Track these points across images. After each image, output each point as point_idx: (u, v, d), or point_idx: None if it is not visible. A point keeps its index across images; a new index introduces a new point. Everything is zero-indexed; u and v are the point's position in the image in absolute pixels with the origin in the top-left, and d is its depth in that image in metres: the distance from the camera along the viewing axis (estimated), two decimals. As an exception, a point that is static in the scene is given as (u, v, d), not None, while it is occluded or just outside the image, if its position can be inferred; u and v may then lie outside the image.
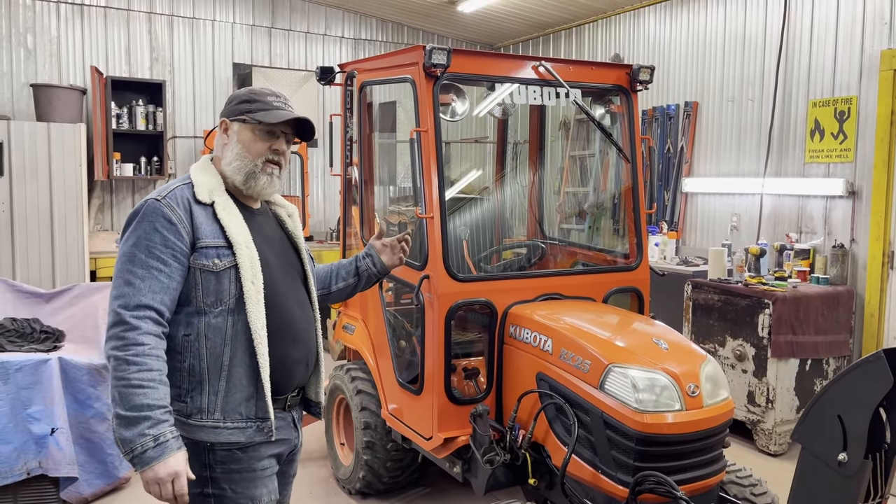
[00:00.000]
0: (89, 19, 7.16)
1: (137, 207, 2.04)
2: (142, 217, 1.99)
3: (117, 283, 1.95)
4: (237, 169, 2.13)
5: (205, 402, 2.02)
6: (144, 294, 1.92)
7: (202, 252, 2.02)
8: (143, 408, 1.85)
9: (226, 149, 2.16)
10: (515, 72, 3.61)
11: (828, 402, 2.03)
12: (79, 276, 6.25)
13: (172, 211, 2.00)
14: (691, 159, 6.62)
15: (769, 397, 4.94)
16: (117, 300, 1.93)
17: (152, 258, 1.95)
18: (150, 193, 2.07)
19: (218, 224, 2.06)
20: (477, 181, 6.43)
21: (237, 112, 2.15)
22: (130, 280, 1.93)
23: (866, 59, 5.18)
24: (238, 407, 2.05)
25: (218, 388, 2.03)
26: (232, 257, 2.04)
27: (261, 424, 2.09)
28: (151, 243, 1.96)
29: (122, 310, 1.90)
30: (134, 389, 1.85)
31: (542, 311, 3.37)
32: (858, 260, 5.28)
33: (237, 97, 2.18)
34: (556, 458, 3.12)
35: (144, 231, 1.98)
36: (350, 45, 8.54)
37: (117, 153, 7.03)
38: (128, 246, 1.98)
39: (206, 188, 2.09)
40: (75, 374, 3.96)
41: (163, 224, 1.98)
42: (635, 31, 7.24)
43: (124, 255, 1.97)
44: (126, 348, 1.88)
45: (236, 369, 2.05)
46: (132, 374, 1.86)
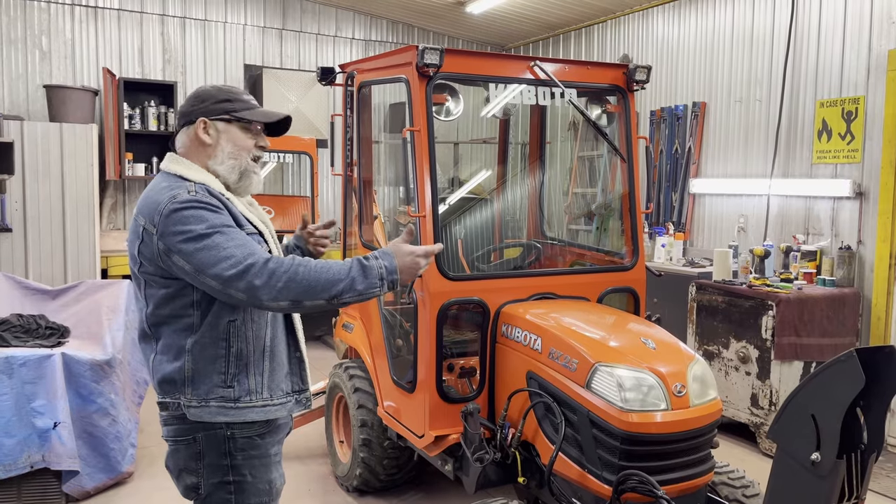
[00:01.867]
0: (103, 21, 7.28)
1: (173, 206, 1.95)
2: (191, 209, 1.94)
3: (225, 254, 1.89)
4: (231, 168, 2.15)
5: (252, 383, 2.08)
6: (256, 248, 1.95)
7: (253, 237, 2.07)
8: (345, 266, 1.94)
9: (212, 149, 2.14)
10: (510, 72, 3.62)
11: (801, 401, 2.02)
12: (90, 274, 6.36)
13: (210, 199, 2.00)
14: (699, 160, 6.58)
15: (772, 400, 4.90)
16: (246, 258, 1.89)
17: (236, 230, 1.97)
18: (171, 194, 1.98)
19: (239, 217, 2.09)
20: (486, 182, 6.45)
21: (220, 111, 2.14)
22: (238, 243, 1.92)
23: (874, 59, 5.12)
24: (280, 384, 2.15)
25: (263, 368, 2.10)
26: (265, 243, 2.13)
27: (298, 396, 2.22)
28: (224, 220, 1.97)
29: (253, 258, 1.89)
30: (325, 267, 1.93)
31: (533, 311, 3.38)
32: (865, 262, 5.22)
33: (211, 96, 2.16)
34: (544, 456, 3.12)
35: (206, 217, 1.94)
36: (360, 47, 8.59)
37: (129, 153, 7.13)
38: (202, 231, 1.92)
39: (217, 185, 2.10)
40: (78, 369, 4.03)
41: (215, 209, 1.98)
42: (644, 32, 7.21)
43: (208, 236, 1.91)
44: (283, 265, 1.90)
45: (278, 347, 2.15)
46: (313, 265, 1.93)
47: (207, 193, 2.03)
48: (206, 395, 2.04)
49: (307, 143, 7.71)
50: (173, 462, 2.14)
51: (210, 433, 2.06)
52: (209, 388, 2.04)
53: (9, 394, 3.83)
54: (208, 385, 2.04)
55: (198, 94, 2.18)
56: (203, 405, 2.05)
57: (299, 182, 8.17)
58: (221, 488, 2.09)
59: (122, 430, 4.26)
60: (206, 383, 2.04)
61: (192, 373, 2.05)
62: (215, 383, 2.04)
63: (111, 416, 4.19)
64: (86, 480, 4.07)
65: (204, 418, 2.05)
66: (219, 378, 2.04)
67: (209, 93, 2.17)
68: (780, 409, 2.08)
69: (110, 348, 4.25)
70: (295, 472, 4.52)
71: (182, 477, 2.13)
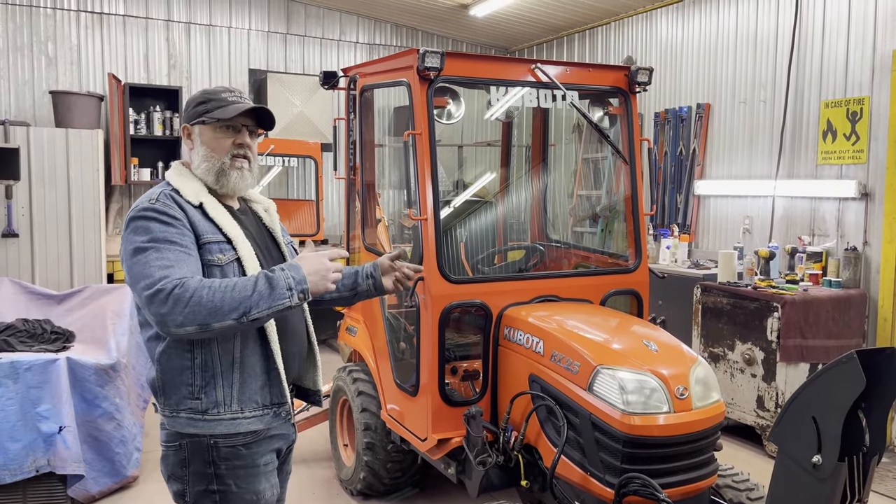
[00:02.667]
0: (108, 28, 7.32)
1: (133, 213, 2.00)
2: (142, 220, 1.96)
3: (150, 270, 1.87)
4: (207, 170, 2.14)
5: (220, 395, 2.02)
6: (185, 271, 1.90)
7: (206, 248, 2.03)
8: (249, 281, 1.90)
9: (193, 154, 2.18)
10: (511, 75, 3.62)
11: (802, 403, 2.01)
12: (96, 279, 6.39)
13: (170, 209, 2.00)
14: (703, 161, 6.56)
15: (778, 402, 4.87)
16: (160, 281, 1.85)
17: (176, 246, 1.94)
18: (138, 202, 2.04)
19: (211, 222, 2.07)
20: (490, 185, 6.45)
21: (195, 115, 2.15)
22: (166, 264, 1.89)
23: (878, 59, 5.10)
24: (254, 396, 2.08)
25: (232, 380, 2.04)
26: (233, 251, 2.07)
27: (277, 409, 2.13)
28: (169, 234, 1.95)
29: (165, 282, 1.85)
30: (232, 285, 1.88)
31: (535, 314, 3.37)
32: (871, 263, 5.19)
33: (192, 101, 2.18)
34: (547, 459, 3.11)
35: (156, 227, 1.95)
36: (365, 50, 8.61)
37: (135, 158, 7.17)
38: (143, 242, 1.93)
39: (192, 190, 2.10)
40: (83, 373, 4.05)
41: (167, 219, 1.97)
42: (647, 34, 7.20)
43: (146, 251, 1.91)
44: (186, 287, 1.84)
45: (249, 359, 2.07)
46: (217, 285, 1.87)
47: (171, 201, 2.03)
48: (177, 406, 2.02)
49: (312, 147, 7.73)
50: (164, 467, 2.13)
51: (195, 440, 2.03)
52: (179, 399, 2.02)
53: (14, 398, 3.85)
54: (178, 396, 2.02)
55: (187, 102, 2.22)
56: (174, 415, 2.03)
57: (304, 186, 8.19)
58: (206, 497, 2.06)
59: (126, 435, 4.28)
60: (175, 393, 2.03)
61: (163, 382, 2.04)
62: (184, 394, 2.01)
63: (116, 421, 4.21)
64: (91, 485, 4.08)
65: (176, 428, 2.04)
66: (186, 389, 2.01)
67: (192, 98, 2.19)
68: (780, 411, 2.07)
69: (115, 353, 4.26)
70: (299, 476, 4.52)
71: (170, 482, 2.12)
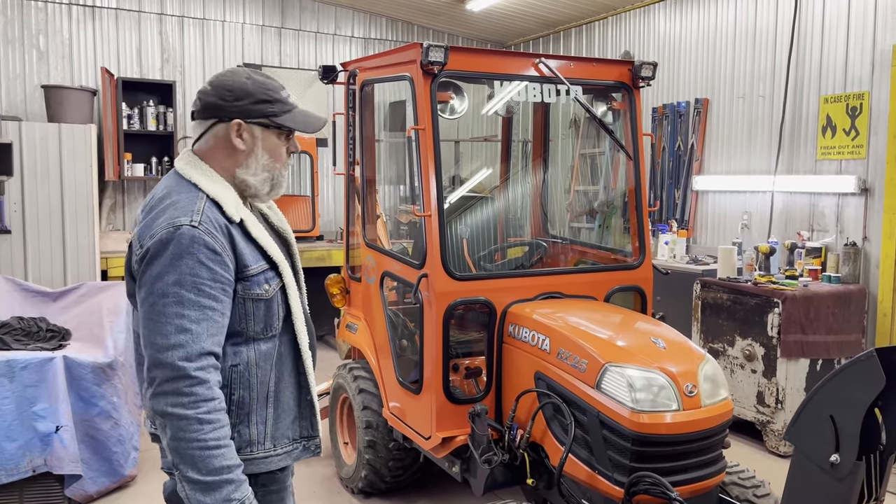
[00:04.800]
0: (100, 21, 7.22)
1: (166, 234, 1.72)
2: (180, 248, 1.71)
3: (166, 329, 1.68)
4: (265, 180, 1.93)
5: (254, 433, 1.87)
6: (204, 340, 1.70)
7: (253, 281, 1.83)
8: (224, 470, 1.68)
9: (243, 156, 1.90)
10: (515, 69, 3.58)
11: (819, 402, 1.99)
12: (90, 276, 6.31)
13: (214, 239, 1.75)
14: (702, 157, 6.54)
15: (779, 398, 4.87)
16: (175, 350, 1.67)
17: (203, 296, 1.71)
18: (173, 214, 1.76)
19: (253, 244, 1.86)
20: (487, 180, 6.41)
21: (258, 113, 1.87)
22: (185, 326, 1.68)
23: (878, 54, 5.09)
24: (286, 432, 1.94)
25: (266, 416, 1.89)
26: (278, 279, 1.89)
27: (307, 443, 2.00)
28: (199, 279, 1.71)
29: (184, 362, 1.67)
30: (211, 451, 1.67)
31: (541, 310, 3.35)
32: (871, 258, 5.19)
33: (249, 94, 1.86)
34: (553, 458, 3.09)
35: (188, 266, 1.71)
36: (360, 45, 8.55)
37: (128, 153, 7.09)
38: (168, 284, 1.70)
39: (233, 204, 1.85)
40: (80, 372, 3.99)
41: (207, 256, 1.73)
42: (645, 28, 7.17)
43: (168, 296, 1.69)
44: (195, 405, 1.66)
45: (284, 393, 1.92)
46: (207, 435, 1.67)
47: (214, 226, 1.78)
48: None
49: (307, 143, 7.67)
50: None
51: None
52: None
53: (10, 397, 3.79)
54: None
55: (232, 87, 1.86)
56: None
57: (300, 181, 8.13)
58: None
59: (124, 434, 4.22)
60: None
61: None
62: None
63: (113, 420, 4.15)
64: (88, 484, 4.03)
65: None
66: None
67: (246, 88, 1.87)
68: (796, 411, 2.05)
69: (112, 350, 4.21)
70: (300, 475, 4.48)
71: None
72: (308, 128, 1.93)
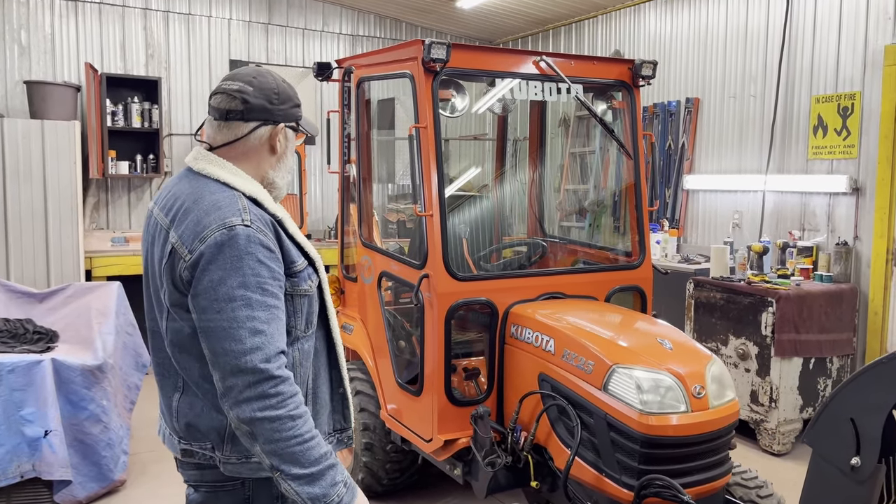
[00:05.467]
0: (84, 15, 7.08)
1: (222, 237, 1.67)
2: (238, 249, 1.67)
3: (239, 334, 1.63)
4: (287, 183, 1.95)
5: None
6: (277, 339, 1.68)
7: (300, 277, 1.81)
8: (324, 458, 1.68)
9: (276, 158, 1.90)
10: (516, 67, 3.54)
11: (840, 404, 1.97)
12: (73, 276, 6.18)
13: (266, 237, 1.73)
14: (693, 156, 6.55)
15: (772, 396, 4.89)
16: (254, 354, 1.63)
17: (268, 296, 1.69)
18: (221, 215, 1.71)
19: (291, 241, 1.84)
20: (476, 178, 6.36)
21: (293, 117, 1.89)
22: (258, 328, 1.65)
23: (870, 54, 5.12)
24: (323, 426, 1.93)
25: None
26: (316, 275, 1.88)
27: (340, 436, 2.00)
28: (262, 279, 1.68)
29: (265, 364, 1.63)
30: (309, 443, 1.66)
31: (543, 311, 3.31)
32: (862, 257, 5.23)
33: (290, 98, 1.88)
34: (558, 460, 3.06)
35: (250, 267, 1.67)
36: (348, 42, 8.46)
37: (113, 151, 6.95)
38: (233, 287, 1.65)
39: (269, 201, 1.84)
40: (69, 375, 3.90)
41: (265, 254, 1.70)
42: (636, 27, 7.17)
43: (236, 300, 1.65)
44: (285, 404, 1.64)
45: (321, 388, 1.92)
46: (302, 429, 1.66)
47: (264, 223, 1.75)
48: (248, 453, 1.80)
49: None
50: None
51: (260, 480, 1.84)
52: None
53: (-3, 402, 3.69)
54: None
55: (277, 90, 1.85)
56: (243, 461, 1.81)
57: (287, 180, 8.02)
58: None
59: (114, 438, 4.14)
60: None
61: (232, 429, 1.78)
62: None
63: (103, 423, 4.07)
64: (78, 490, 3.94)
65: (243, 474, 1.83)
66: None
67: (287, 92, 1.88)
68: (815, 414, 2.03)
69: (101, 353, 4.11)
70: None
71: None
72: (315, 131, 2.00)
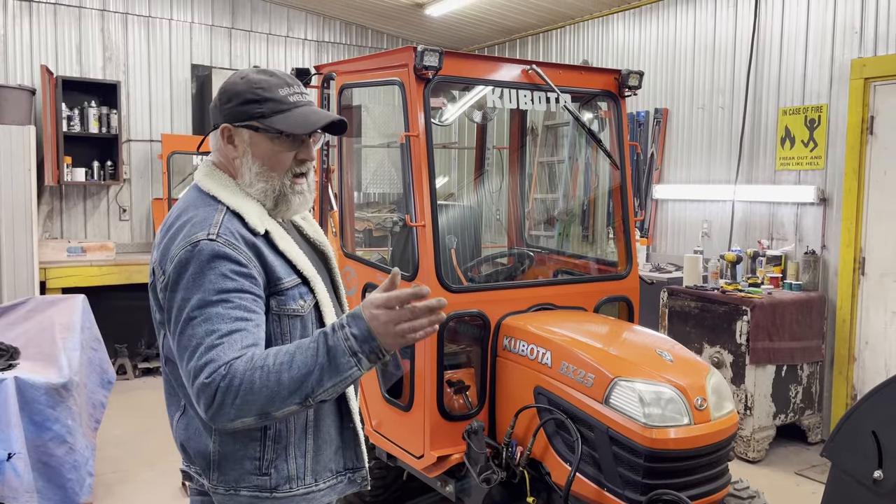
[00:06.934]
0: (38, 16, 6.78)
1: (184, 254, 1.57)
2: (199, 265, 1.56)
3: (199, 352, 1.51)
4: (263, 192, 1.73)
5: (292, 468, 1.71)
6: (235, 351, 1.51)
7: (288, 295, 1.67)
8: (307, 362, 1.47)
9: (238, 163, 1.74)
10: (506, 75, 3.50)
11: (861, 417, 1.97)
12: (27, 288, 5.89)
13: (236, 250, 1.59)
14: (661, 166, 6.63)
15: (748, 404, 4.94)
16: (205, 369, 1.49)
17: (234, 308, 1.55)
18: (187, 229, 1.61)
19: (282, 257, 1.70)
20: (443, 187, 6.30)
21: (244, 116, 1.69)
22: (213, 343, 1.51)
23: (836, 68, 5.25)
24: (328, 464, 1.77)
25: (305, 448, 1.73)
26: (311, 295, 1.72)
27: (352, 475, 1.83)
28: (226, 293, 1.55)
29: (208, 378, 1.49)
30: (287, 367, 1.47)
31: (537, 323, 3.26)
32: (830, 266, 5.34)
33: (237, 94, 1.69)
34: (555, 475, 3.01)
35: (211, 282, 1.55)
36: (313, 48, 8.33)
37: (68, 157, 6.67)
38: (193, 308, 1.54)
39: (256, 215, 1.69)
40: (32, 394, 3.68)
41: (231, 268, 1.57)
42: (604, 38, 7.23)
43: (196, 318, 1.53)
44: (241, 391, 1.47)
45: (324, 421, 1.76)
46: (270, 373, 1.47)
47: (237, 235, 1.62)
48: (237, 483, 1.69)
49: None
50: None
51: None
52: (240, 475, 1.69)
53: (-45, 424, 3.46)
54: (239, 471, 1.69)
55: (224, 89, 1.73)
56: (232, 493, 1.69)
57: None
58: None
59: (79, 459, 3.92)
60: (236, 469, 1.69)
61: (220, 456, 1.69)
62: (247, 470, 1.68)
63: (68, 444, 3.85)
64: (42, 515, 3.72)
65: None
66: (252, 464, 1.68)
67: (236, 88, 1.70)
68: (834, 428, 2.03)
69: (66, 370, 3.90)
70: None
71: None
72: (299, 128, 1.69)
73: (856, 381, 5.19)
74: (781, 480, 4.70)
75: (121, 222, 7.29)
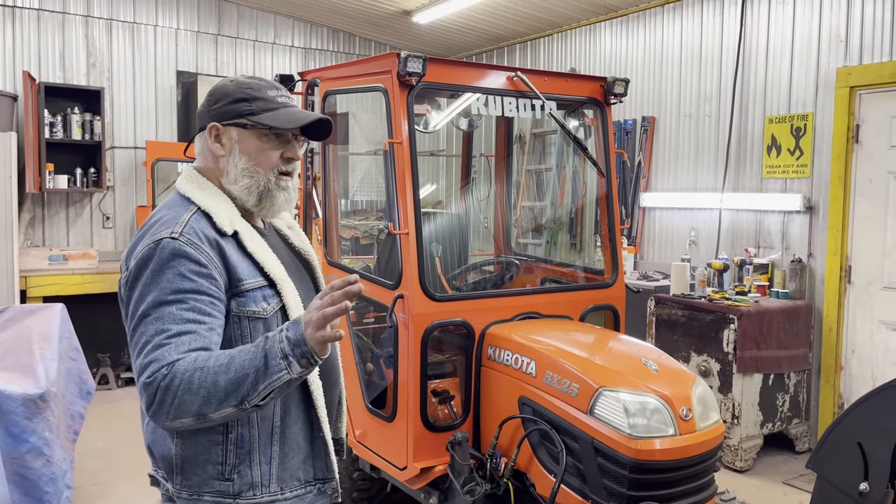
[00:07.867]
0: (21, 21, 6.71)
1: (146, 252, 1.59)
2: (159, 263, 1.57)
3: (146, 349, 1.52)
4: (247, 188, 1.75)
5: (256, 474, 1.68)
6: (182, 350, 1.52)
7: (248, 296, 1.66)
8: (245, 365, 1.47)
9: (224, 162, 1.76)
10: (491, 82, 3.47)
11: (847, 428, 1.94)
12: (7, 296, 5.80)
13: (198, 250, 1.60)
14: (648, 174, 6.62)
15: (735, 413, 4.92)
16: (147, 371, 1.50)
17: (188, 310, 1.55)
18: (154, 228, 1.64)
19: (249, 259, 1.70)
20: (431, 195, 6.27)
21: (233, 114, 1.73)
22: (161, 342, 1.52)
23: (822, 77, 5.26)
24: (296, 472, 1.74)
25: (271, 455, 1.70)
26: (278, 298, 1.71)
27: (322, 486, 1.80)
28: (182, 293, 1.56)
29: (149, 378, 1.50)
30: (225, 369, 1.47)
31: (522, 332, 3.23)
32: (816, 274, 5.34)
33: (227, 94, 1.74)
34: (540, 486, 2.96)
35: (169, 280, 1.56)
36: (300, 55, 8.29)
37: (50, 164, 6.58)
38: (149, 305, 1.55)
39: (226, 215, 1.70)
40: (9, 405, 3.60)
41: (190, 268, 1.58)
42: (591, 46, 7.24)
43: (149, 315, 1.54)
44: (171, 385, 1.48)
45: (291, 428, 1.73)
46: (207, 375, 1.47)
47: (200, 235, 1.63)
48: (200, 488, 1.66)
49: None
50: None
51: None
52: (203, 480, 1.66)
53: (-72, 436, 3.38)
54: (202, 476, 1.66)
55: (213, 92, 1.78)
56: (195, 498, 1.67)
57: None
58: None
59: (56, 472, 3.84)
60: (199, 473, 1.66)
61: (182, 459, 1.67)
62: (210, 474, 1.66)
63: (45, 457, 3.77)
64: (18, 530, 3.64)
65: None
66: (214, 469, 1.66)
67: (226, 90, 1.76)
68: (820, 439, 2.00)
69: (44, 381, 3.82)
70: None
71: None
72: (288, 124, 1.74)
73: (843, 389, 5.18)
74: (769, 490, 4.67)
75: (104, 230, 7.21)
